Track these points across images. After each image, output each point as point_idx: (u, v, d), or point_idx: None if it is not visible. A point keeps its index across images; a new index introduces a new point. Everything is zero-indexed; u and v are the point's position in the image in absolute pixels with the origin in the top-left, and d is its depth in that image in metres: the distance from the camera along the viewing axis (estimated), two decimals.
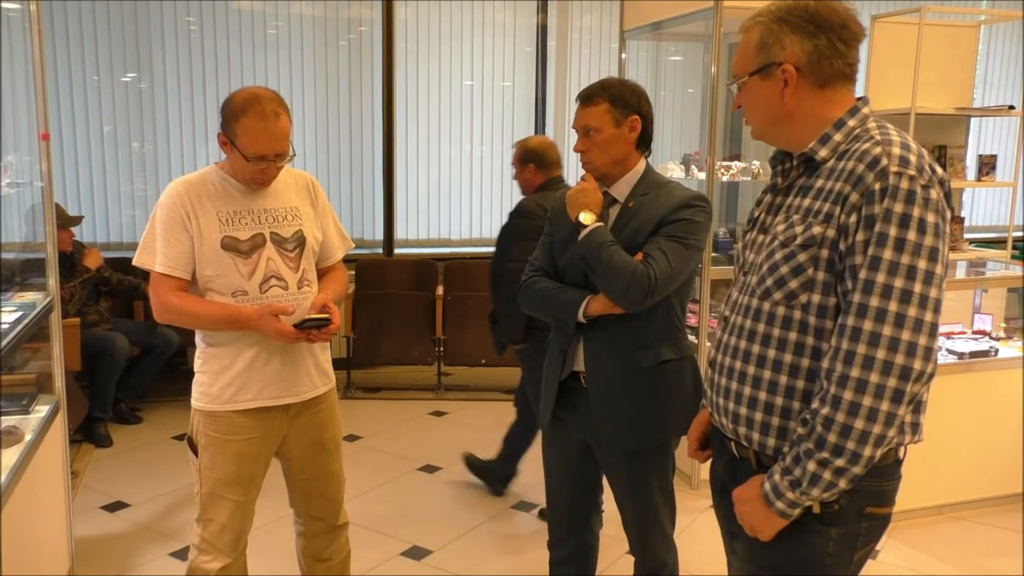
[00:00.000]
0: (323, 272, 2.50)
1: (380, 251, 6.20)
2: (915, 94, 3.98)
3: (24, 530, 2.58)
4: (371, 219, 6.19)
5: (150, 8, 5.50)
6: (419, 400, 5.47)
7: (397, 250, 6.22)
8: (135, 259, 2.31)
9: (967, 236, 5.07)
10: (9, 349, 2.54)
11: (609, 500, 2.46)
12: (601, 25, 6.36)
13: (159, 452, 4.49)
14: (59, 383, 3.08)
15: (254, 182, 2.30)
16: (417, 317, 5.54)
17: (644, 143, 2.29)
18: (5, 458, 2.51)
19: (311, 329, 2.26)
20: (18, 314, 2.78)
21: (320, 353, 2.44)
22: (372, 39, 6.02)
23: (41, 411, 2.95)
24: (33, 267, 3.20)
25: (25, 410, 2.93)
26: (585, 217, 2.18)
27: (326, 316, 2.28)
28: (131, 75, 5.59)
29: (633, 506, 2.36)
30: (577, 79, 6.35)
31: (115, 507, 3.83)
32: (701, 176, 4.10)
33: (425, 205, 6.28)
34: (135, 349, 4.74)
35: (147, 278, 2.36)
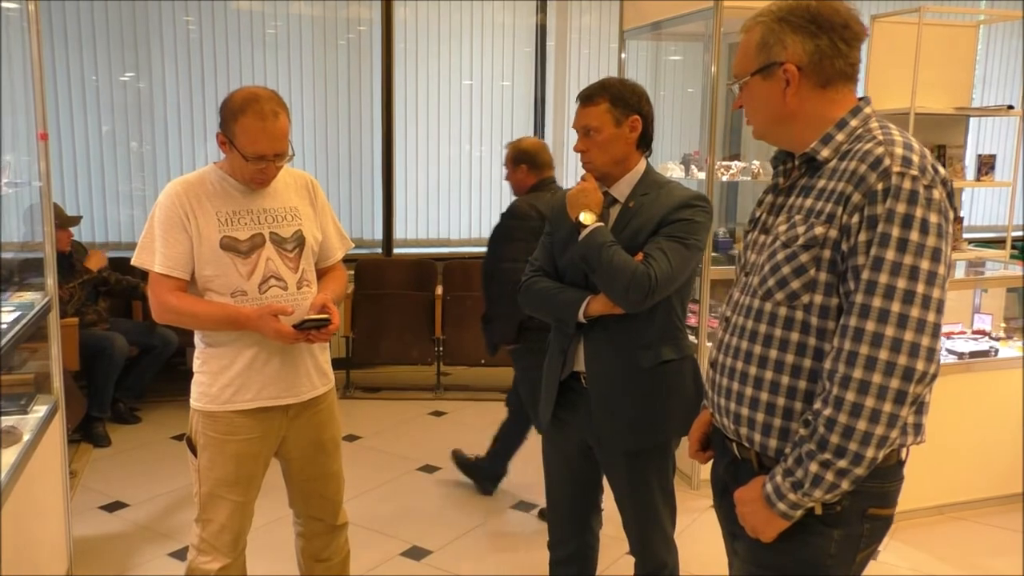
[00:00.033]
0: (322, 272, 2.49)
1: (379, 251, 6.19)
2: (914, 94, 3.98)
3: (23, 530, 2.58)
4: (370, 219, 6.18)
5: (148, 8, 5.49)
6: (419, 400, 5.46)
7: (396, 250, 6.21)
8: (134, 259, 2.30)
9: (966, 236, 5.07)
10: (7, 349, 2.53)
11: (609, 500, 2.45)
12: (600, 25, 6.35)
13: (158, 452, 4.48)
14: (57, 383, 3.07)
15: (253, 182, 2.29)
16: (416, 317, 5.53)
17: (645, 143, 2.29)
18: (4, 458, 2.50)
19: (310, 329, 2.25)
20: (16, 314, 2.78)
21: (319, 353, 2.44)
22: (371, 39, 6.01)
23: (39, 411, 2.95)
24: (31, 267, 3.19)
25: (23, 410, 2.92)
26: (585, 217, 2.17)
27: (325, 316, 2.27)
28: (130, 75, 5.58)
29: (633, 506, 2.35)
30: (576, 79, 6.34)
31: (114, 507, 3.82)
32: (701, 176, 4.10)
33: (424, 205, 6.27)
34: (134, 349, 4.73)
35: (146, 278, 2.35)
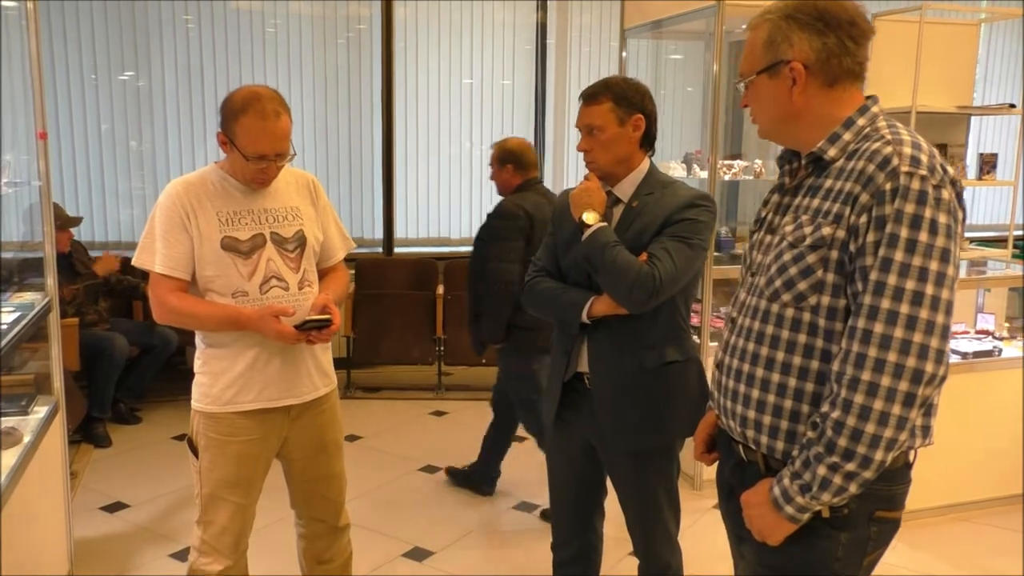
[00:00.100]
0: (324, 272, 2.48)
1: (380, 250, 6.18)
2: (916, 92, 3.96)
3: (23, 531, 2.57)
4: (371, 218, 6.17)
5: (148, 6, 5.48)
6: (419, 400, 5.45)
7: (397, 249, 6.20)
8: (134, 259, 2.29)
9: (968, 235, 5.06)
10: (8, 350, 2.52)
11: (612, 501, 2.44)
12: (601, 23, 6.33)
13: (158, 452, 4.47)
14: (58, 383, 3.06)
15: (254, 182, 2.28)
16: (417, 316, 5.52)
17: (648, 142, 2.27)
18: (4, 459, 2.49)
19: (311, 330, 2.24)
20: (17, 314, 2.77)
21: (321, 354, 2.42)
22: (371, 37, 5.99)
23: (40, 412, 2.93)
24: (31, 267, 3.17)
25: (24, 411, 2.91)
26: (589, 217, 2.16)
27: (327, 317, 2.26)
28: (129, 73, 5.56)
29: (637, 507, 2.34)
30: (577, 77, 6.32)
31: (114, 508, 3.81)
32: (703, 175, 4.09)
33: (425, 204, 6.26)
34: (134, 349, 4.72)
35: (146, 277, 2.34)
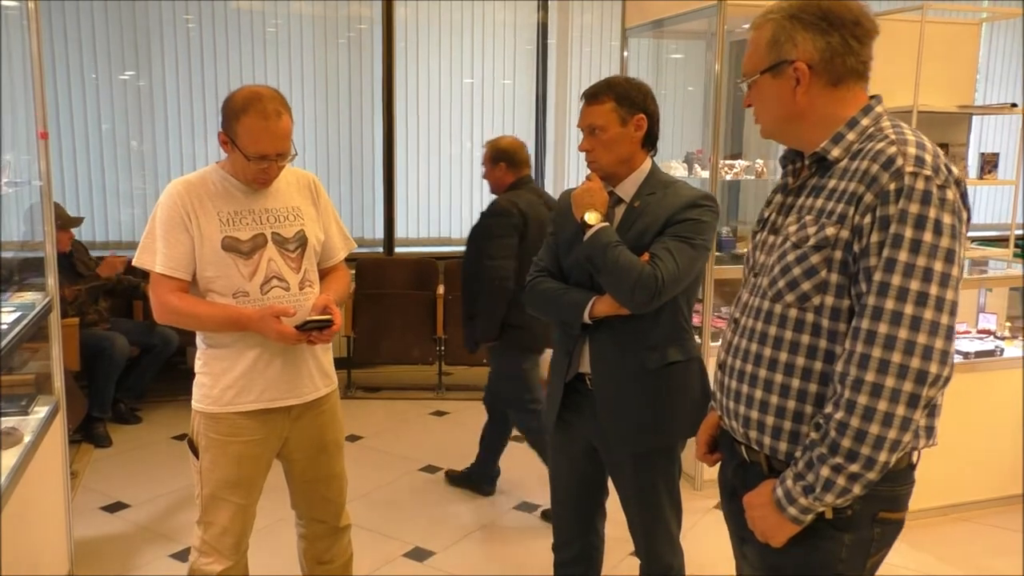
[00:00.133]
0: (325, 272, 2.48)
1: (380, 250, 6.17)
2: (917, 92, 3.95)
3: (24, 531, 2.56)
4: (371, 218, 6.16)
5: (148, 6, 5.47)
6: (420, 400, 5.45)
7: (397, 249, 6.19)
8: (135, 259, 2.29)
9: (969, 234, 5.04)
10: (8, 350, 2.51)
11: (613, 501, 2.43)
12: (602, 23, 6.33)
13: (159, 452, 4.46)
14: (58, 384, 3.06)
15: (255, 182, 2.27)
16: (418, 316, 5.51)
17: (650, 142, 2.27)
18: (4, 459, 2.48)
19: (312, 331, 2.24)
20: (17, 314, 2.76)
21: (322, 354, 2.42)
22: (372, 37, 5.99)
23: (40, 412, 2.93)
24: (31, 267, 3.17)
25: (24, 411, 2.91)
26: (590, 217, 2.15)
27: (328, 318, 2.25)
28: (130, 73, 5.56)
29: (639, 508, 2.34)
30: (578, 77, 6.32)
31: (115, 508, 3.81)
32: (704, 175, 4.08)
33: (425, 204, 6.25)
34: (134, 349, 4.72)
35: (147, 277, 2.34)
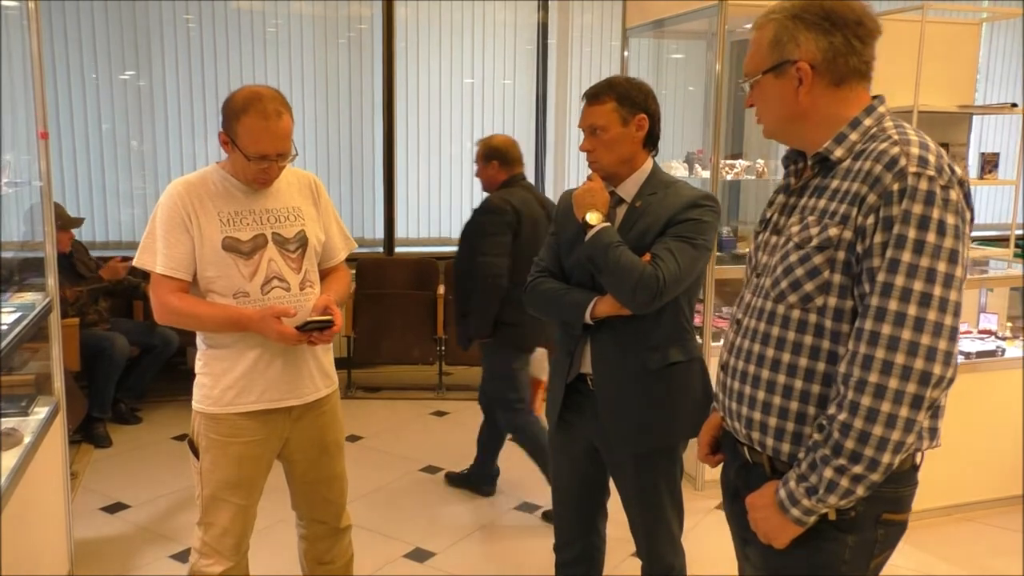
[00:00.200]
0: (326, 273, 2.47)
1: (380, 250, 6.17)
2: (917, 92, 3.95)
3: (24, 532, 2.56)
4: (371, 218, 6.16)
5: (149, 6, 5.47)
6: (420, 400, 5.44)
7: (398, 249, 6.19)
8: (135, 260, 2.28)
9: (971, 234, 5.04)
10: (8, 350, 2.51)
11: (614, 501, 2.43)
12: (602, 23, 6.33)
13: (159, 453, 4.46)
14: (58, 384, 3.05)
15: (256, 182, 2.27)
16: (418, 316, 5.51)
17: (651, 142, 2.26)
18: (4, 460, 2.48)
19: (313, 331, 2.23)
20: (17, 315, 2.76)
21: (322, 355, 2.41)
22: (372, 37, 5.98)
23: (40, 413, 2.93)
24: (31, 267, 3.17)
25: (24, 412, 2.90)
26: (592, 217, 2.15)
27: (328, 318, 2.25)
28: (130, 73, 5.55)
29: (640, 508, 2.33)
30: (578, 77, 6.32)
31: (115, 508, 3.80)
32: (705, 175, 4.08)
33: (426, 204, 6.25)
34: (134, 349, 4.71)
35: (147, 277, 2.33)
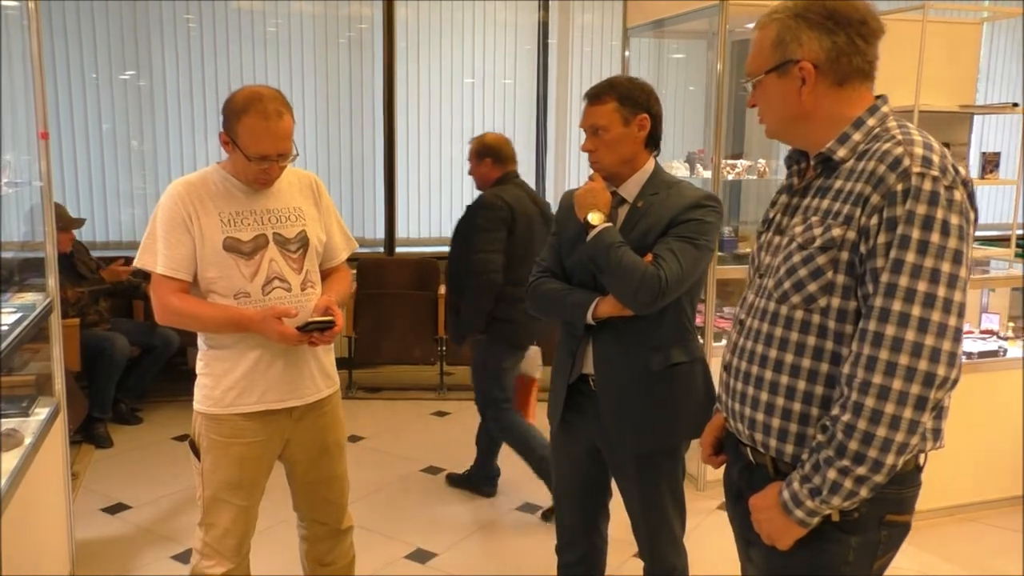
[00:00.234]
0: (327, 273, 2.47)
1: (381, 250, 6.16)
2: (918, 91, 3.94)
3: (25, 533, 2.55)
4: (372, 218, 6.15)
5: (149, 6, 5.46)
6: (421, 400, 5.44)
7: (398, 249, 6.19)
8: (136, 260, 2.28)
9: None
10: (9, 351, 2.50)
11: (617, 502, 2.43)
12: (603, 23, 6.32)
13: (160, 453, 4.46)
14: (59, 385, 3.05)
15: (256, 182, 2.26)
16: (419, 316, 5.50)
17: (653, 142, 2.26)
18: (5, 461, 2.48)
19: (314, 332, 2.23)
20: (18, 315, 2.75)
21: (324, 355, 2.41)
22: (372, 37, 5.98)
23: (41, 413, 2.92)
24: (31, 267, 3.16)
25: (25, 412, 2.90)
26: (594, 217, 2.14)
27: (329, 319, 2.25)
28: (130, 73, 5.55)
29: (643, 509, 2.33)
30: (579, 77, 6.32)
31: (116, 509, 3.80)
32: (706, 175, 4.07)
33: (426, 204, 6.25)
34: (135, 349, 4.71)
35: (148, 278, 2.33)
